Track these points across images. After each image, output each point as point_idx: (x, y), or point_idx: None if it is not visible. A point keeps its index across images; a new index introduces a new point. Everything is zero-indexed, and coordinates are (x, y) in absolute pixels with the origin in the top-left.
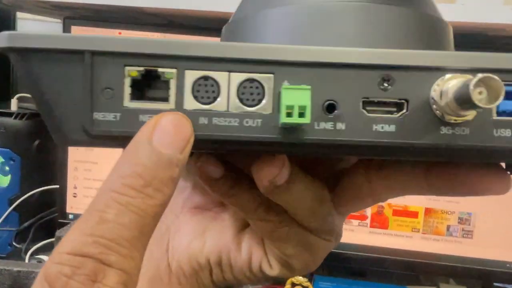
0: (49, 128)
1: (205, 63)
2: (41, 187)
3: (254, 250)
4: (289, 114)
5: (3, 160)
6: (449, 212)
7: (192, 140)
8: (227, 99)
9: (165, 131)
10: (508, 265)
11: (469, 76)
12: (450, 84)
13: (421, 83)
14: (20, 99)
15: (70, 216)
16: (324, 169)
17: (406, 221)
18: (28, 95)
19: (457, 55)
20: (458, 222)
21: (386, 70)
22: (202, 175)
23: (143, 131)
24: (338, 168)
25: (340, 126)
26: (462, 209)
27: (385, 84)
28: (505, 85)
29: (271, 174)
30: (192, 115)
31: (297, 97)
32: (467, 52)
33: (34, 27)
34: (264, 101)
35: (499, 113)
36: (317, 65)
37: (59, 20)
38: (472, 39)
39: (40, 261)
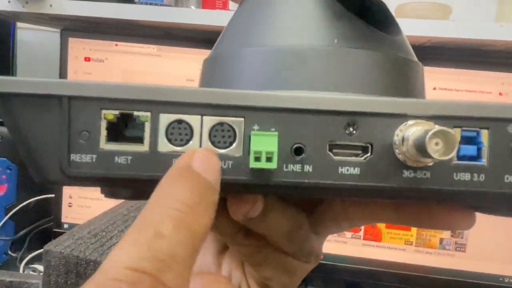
0: (28, 166)
1: (178, 107)
2: (37, 196)
3: (234, 271)
4: (257, 159)
5: (0, 169)
6: None
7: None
8: (199, 142)
9: (203, 160)
10: (501, 278)
11: (430, 124)
12: (410, 131)
13: (384, 128)
14: None
15: (65, 226)
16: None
17: (399, 234)
18: None
19: (418, 102)
20: (451, 236)
21: (351, 116)
22: None
23: (184, 158)
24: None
25: (308, 168)
26: None
27: (350, 129)
28: (464, 131)
29: (243, 210)
30: (166, 157)
31: (265, 143)
32: (427, 100)
33: (34, 37)
34: (234, 144)
35: (459, 157)
36: (285, 110)
37: (58, 30)
38: (465, 53)
39: (34, 270)
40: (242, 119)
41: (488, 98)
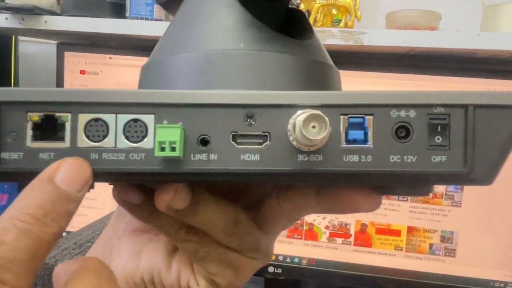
0: None
1: (95, 107)
2: None
3: (183, 269)
4: (162, 149)
5: None
6: (432, 231)
7: (90, 181)
8: (114, 137)
9: (66, 171)
10: (491, 283)
11: (318, 112)
12: (298, 118)
13: (279, 118)
14: None
15: (64, 234)
16: (247, 196)
17: (389, 240)
18: None
19: (307, 94)
20: (441, 241)
21: (249, 108)
22: (120, 202)
23: (48, 170)
24: (260, 194)
25: (213, 157)
26: (444, 227)
27: (249, 120)
28: (351, 117)
29: (165, 200)
30: (85, 152)
31: (169, 134)
32: (315, 91)
33: (35, 49)
34: (146, 138)
35: (348, 141)
36: (190, 105)
37: (56, 42)
38: (449, 60)
39: None
40: (153, 115)
41: None
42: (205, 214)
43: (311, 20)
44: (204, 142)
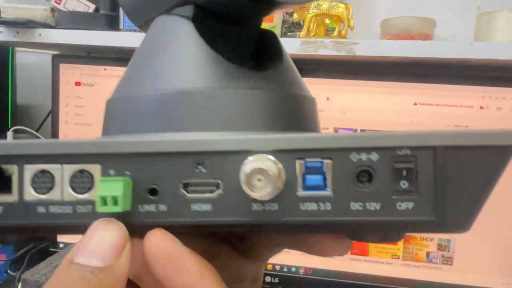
0: None
1: (41, 159)
2: None
3: None
4: (104, 203)
5: None
6: (428, 239)
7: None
8: (61, 189)
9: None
10: None
11: (269, 159)
12: (248, 166)
13: (231, 165)
14: (16, 131)
15: (61, 245)
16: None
17: (386, 248)
18: (24, 127)
19: (259, 138)
20: (438, 249)
21: (199, 155)
22: None
23: (70, 253)
24: None
25: (162, 207)
26: (441, 235)
27: (200, 167)
28: (308, 162)
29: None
30: (32, 205)
31: (111, 188)
32: (269, 135)
33: (32, 59)
34: (93, 190)
35: (305, 188)
36: (137, 155)
37: (52, 52)
38: (444, 68)
39: None
40: (98, 165)
41: (469, 112)
42: None
43: (304, 30)
44: (153, 192)
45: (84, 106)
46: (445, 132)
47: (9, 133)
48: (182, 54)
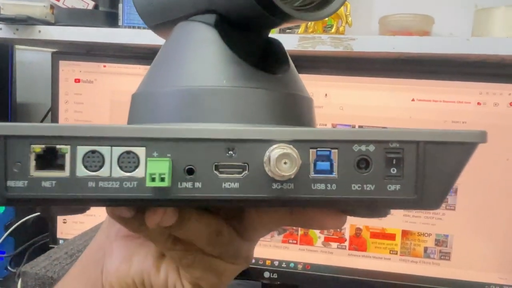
0: None
1: (92, 140)
2: (35, 213)
3: (170, 273)
4: (153, 179)
5: None
6: (426, 234)
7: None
8: (110, 167)
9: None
10: (486, 286)
11: (290, 147)
12: (273, 152)
13: (256, 151)
14: None
15: (61, 241)
16: (228, 209)
17: (384, 243)
18: None
19: (280, 130)
20: (435, 244)
21: (230, 142)
22: (112, 216)
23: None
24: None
25: (198, 185)
26: (439, 231)
27: (230, 152)
28: (319, 151)
29: (155, 220)
30: (83, 181)
31: (159, 167)
32: (288, 128)
33: (32, 57)
34: (138, 168)
35: (316, 171)
36: (177, 140)
37: (52, 50)
38: (442, 64)
39: None
40: (144, 148)
41: (467, 108)
42: (190, 228)
43: (302, 27)
44: (190, 171)
45: (83, 103)
46: (426, 130)
47: None
48: (209, 56)
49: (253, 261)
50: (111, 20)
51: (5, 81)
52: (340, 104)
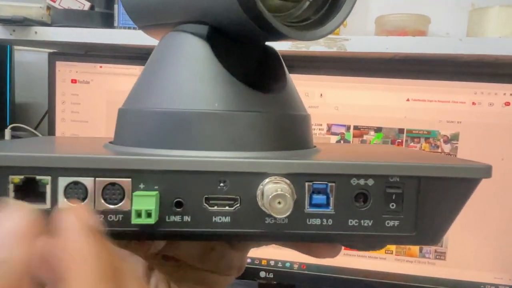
0: None
1: (74, 171)
2: None
3: (160, 285)
4: (139, 215)
5: None
6: None
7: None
8: (93, 199)
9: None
10: (482, 286)
11: (285, 181)
12: (266, 187)
13: (249, 184)
14: (14, 129)
15: None
16: None
17: None
18: (22, 125)
19: (275, 163)
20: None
21: (222, 175)
22: None
23: None
24: None
25: (187, 218)
26: None
27: (222, 185)
28: (315, 184)
29: (144, 249)
30: None
31: (145, 203)
32: (282, 160)
33: (31, 57)
34: (123, 201)
35: (311, 205)
36: (165, 172)
37: (49, 50)
38: (436, 64)
39: None
40: (130, 179)
41: (462, 108)
42: (181, 248)
43: None
44: (179, 204)
45: (80, 103)
46: (428, 164)
47: (7, 131)
48: (200, 75)
49: (249, 260)
50: (107, 21)
51: (4, 82)
52: (335, 104)
